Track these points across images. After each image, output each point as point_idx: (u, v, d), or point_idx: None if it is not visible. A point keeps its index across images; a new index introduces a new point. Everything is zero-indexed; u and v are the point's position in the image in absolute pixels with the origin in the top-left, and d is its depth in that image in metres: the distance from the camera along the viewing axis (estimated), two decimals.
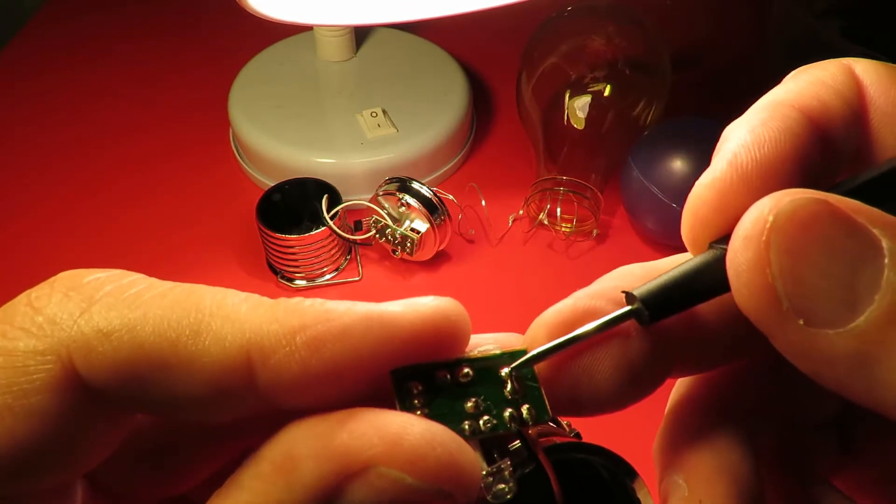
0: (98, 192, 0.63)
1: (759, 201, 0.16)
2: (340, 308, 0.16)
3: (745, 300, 0.16)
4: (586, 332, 0.17)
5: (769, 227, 0.15)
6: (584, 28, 0.60)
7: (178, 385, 0.15)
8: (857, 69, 0.19)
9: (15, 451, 0.15)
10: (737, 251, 0.16)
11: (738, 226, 0.16)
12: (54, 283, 0.16)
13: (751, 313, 0.16)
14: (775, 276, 0.15)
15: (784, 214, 0.15)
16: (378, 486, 0.15)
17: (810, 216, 0.15)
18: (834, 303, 0.15)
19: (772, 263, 0.15)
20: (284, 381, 0.15)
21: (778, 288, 0.15)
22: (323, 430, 0.15)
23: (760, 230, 0.15)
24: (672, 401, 0.21)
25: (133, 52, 0.76)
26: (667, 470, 0.19)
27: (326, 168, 0.59)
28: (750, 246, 0.15)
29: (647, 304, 0.17)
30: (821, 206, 0.15)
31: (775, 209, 0.15)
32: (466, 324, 0.17)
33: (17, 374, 0.15)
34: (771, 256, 0.15)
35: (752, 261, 0.15)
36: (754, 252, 0.15)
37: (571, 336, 0.17)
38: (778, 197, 0.16)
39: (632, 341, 0.18)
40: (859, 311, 0.14)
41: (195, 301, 0.16)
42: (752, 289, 0.15)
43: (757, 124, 0.18)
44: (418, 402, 0.16)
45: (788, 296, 0.15)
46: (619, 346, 0.18)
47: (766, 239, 0.15)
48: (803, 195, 0.15)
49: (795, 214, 0.15)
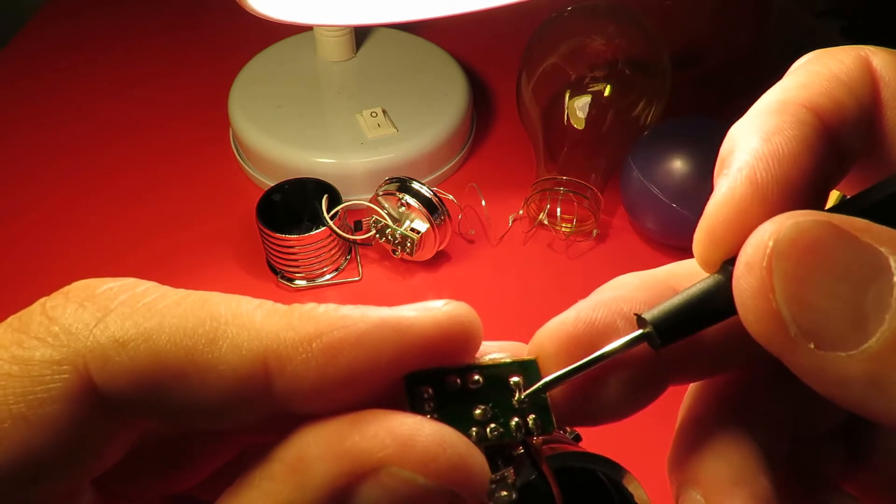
0: (98, 192, 0.63)
1: (761, 226, 0.16)
2: (355, 314, 0.16)
3: (753, 327, 0.15)
4: (600, 356, 0.17)
5: (769, 252, 0.15)
6: (584, 28, 0.60)
7: (195, 394, 0.15)
8: (874, 61, 0.18)
9: (28, 459, 0.15)
10: (740, 278, 0.16)
11: (741, 252, 0.16)
12: (69, 292, 0.16)
13: (761, 339, 0.16)
14: (780, 303, 0.15)
15: (786, 239, 0.15)
16: (389, 486, 0.15)
17: (814, 239, 0.15)
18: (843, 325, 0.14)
19: (776, 289, 0.15)
20: (300, 388, 0.15)
21: (784, 313, 0.15)
22: (334, 431, 0.15)
23: (762, 256, 0.15)
24: (682, 415, 0.20)
25: (133, 52, 0.76)
26: (683, 486, 0.19)
27: (326, 168, 0.59)
28: (752, 272, 0.15)
29: (659, 329, 0.17)
30: (824, 228, 0.15)
31: (776, 234, 0.15)
32: (479, 330, 0.17)
33: (33, 383, 0.15)
34: (774, 282, 0.15)
35: (755, 287, 0.15)
36: (757, 279, 0.15)
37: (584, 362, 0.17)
38: (780, 221, 0.15)
39: (634, 354, 0.18)
40: (870, 332, 0.14)
41: (210, 309, 0.16)
42: (759, 315, 0.15)
43: (771, 131, 0.17)
44: (428, 407, 0.17)
45: (795, 320, 0.15)
46: (623, 359, 0.18)
47: (768, 265, 0.15)
48: (806, 218, 0.15)
49: (798, 238, 0.15)
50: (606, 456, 0.25)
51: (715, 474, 0.18)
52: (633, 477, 0.25)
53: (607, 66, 0.58)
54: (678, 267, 0.19)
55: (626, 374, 0.18)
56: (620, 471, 0.25)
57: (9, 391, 0.15)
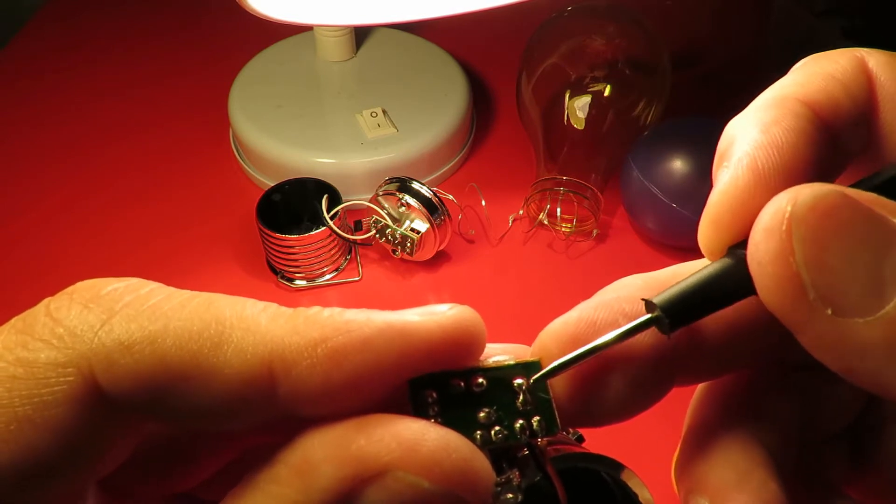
0: (98, 192, 0.63)
1: (776, 196, 0.16)
2: (360, 318, 0.16)
3: (771, 293, 0.15)
4: (606, 342, 0.17)
5: (788, 216, 0.15)
6: (584, 28, 0.60)
7: (199, 397, 0.16)
8: (870, 62, 0.19)
9: (34, 461, 0.15)
10: (758, 244, 0.15)
11: (756, 221, 0.16)
12: (73, 293, 0.16)
13: (776, 307, 0.15)
14: (800, 265, 0.15)
15: (804, 204, 0.15)
16: (394, 490, 0.15)
17: (831, 205, 0.15)
18: (861, 290, 0.14)
19: (795, 252, 0.15)
20: (305, 392, 0.16)
21: (804, 277, 0.15)
22: (340, 435, 0.15)
23: (780, 221, 0.15)
24: (689, 421, 0.20)
25: (133, 52, 0.76)
26: (691, 493, 0.19)
27: (326, 168, 0.59)
28: (772, 237, 0.15)
29: (668, 311, 0.17)
30: (839, 196, 0.15)
31: (793, 200, 0.15)
32: (483, 334, 0.17)
33: (38, 385, 0.15)
34: (794, 245, 0.15)
35: (774, 251, 0.15)
36: (777, 243, 0.15)
37: (590, 347, 0.17)
38: (796, 190, 0.15)
39: (638, 353, 0.17)
40: (888, 297, 0.14)
41: (215, 312, 0.16)
42: (777, 280, 0.15)
43: (769, 122, 0.17)
44: (433, 411, 0.17)
45: (815, 285, 0.15)
46: (627, 358, 0.17)
47: (787, 228, 0.15)
48: (821, 187, 0.15)
49: (816, 204, 0.15)
50: (610, 457, 0.25)
51: (722, 481, 0.18)
52: (638, 477, 0.25)
53: (607, 66, 0.58)
54: (682, 268, 0.19)
55: (629, 373, 0.18)
56: (624, 471, 0.25)
57: (14, 393, 0.15)
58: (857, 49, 0.19)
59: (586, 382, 0.18)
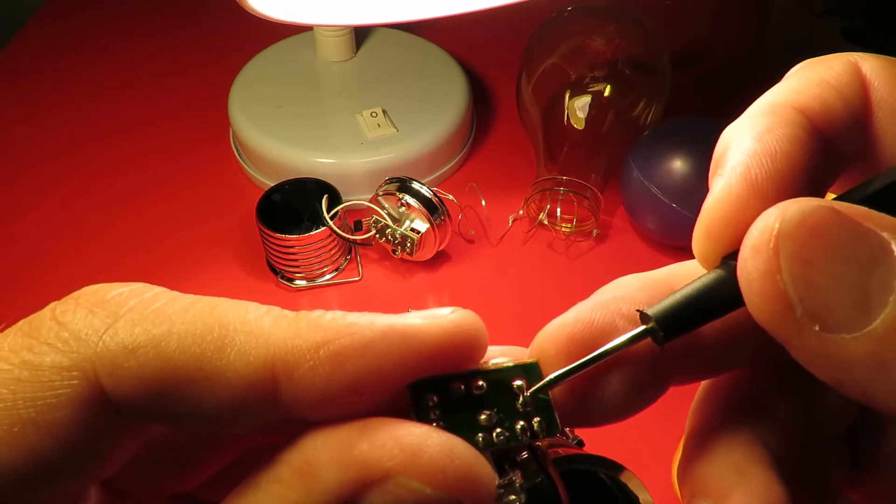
0: (98, 192, 0.63)
1: (765, 211, 0.16)
2: (362, 322, 0.16)
3: (759, 309, 0.16)
4: (602, 352, 0.17)
5: (776, 234, 0.15)
6: (584, 28, 0.60)
7: (203, 400, 0.16)
8: (864, 67, 0.19)
9: (37, 463, 0.15)
10: (746, 260, 0.16)
11: (746, 236, 0.16)
12: (78, 297, 0.17)
13: (766, 322, 0.16)
14: (787, 283, 0.15)
15: (791, 221, 0.15)
16: (396, 495, 0.15)
17: (818, 222, 0.15)
18: (848, 306, 0.15)
19: (782, 270, 0.15)
20: (307, 395, 0.16)
21: (790, 294, 0.15)
22: (343, 438, 0.16)
23: (768, 238, 0.15)
24: (690, 424, 0.20)
25: (133, 52, 0.76)
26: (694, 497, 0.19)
27: (326, 168, 0.59)
28: (759, 254, 0.15)
29: (662, 323, 0.17)
30: (828, 212, 0.15)
31: (781, 217, 0.15)
32: (485, 337, 0.17)
33: (43, 388, 0.15)
34: (781, 263, 0.15)
35: (762, 269, 0.15)
36: (764, 260, 0.15)
37: (588, 359, 0.17)
38: (784, 206, 0.16)
39: (635, 354, 0.18)
40: (874, 314, 0.14)
41: (218, 316, 0.16)
42: (765, 297, 0.15)
43: (763, 131, 0.17)
44: (434, 415, 0.17)
45: (802, 301, 0.15)
46: (624, 359, 0.18)
47: (775, 246, 0.15)
48: (809, 203, 0.15)
49: (804, 221, 0.15)
50: (609, 458, 0.25)
51: (726, 482, 0.18)
52: (637, 479, 0.25)
53: (607, 66, 0.58)
54: (679, 268, 0.19)
55: (627, 374, 0.18)
56: (624, 472, 0.25)
57: (19, 396, 0.15)
58: (851, 54, 0.19)
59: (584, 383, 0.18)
